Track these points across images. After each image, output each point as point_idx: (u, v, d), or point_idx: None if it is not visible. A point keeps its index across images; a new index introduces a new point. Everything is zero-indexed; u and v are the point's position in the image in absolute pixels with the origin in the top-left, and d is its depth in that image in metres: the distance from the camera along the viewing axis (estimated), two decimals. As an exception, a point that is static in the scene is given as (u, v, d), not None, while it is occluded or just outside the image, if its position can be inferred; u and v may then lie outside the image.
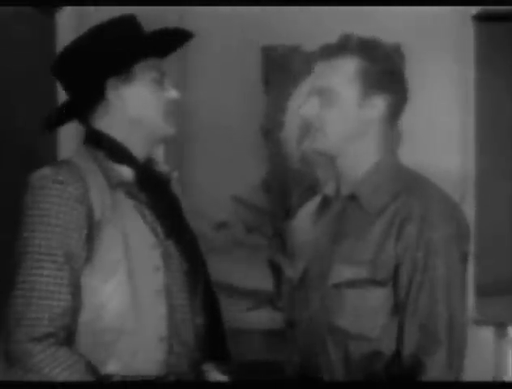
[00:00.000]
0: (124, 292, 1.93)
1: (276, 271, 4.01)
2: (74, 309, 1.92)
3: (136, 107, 2.04)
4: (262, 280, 4.18)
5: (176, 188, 2.19)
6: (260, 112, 4.43)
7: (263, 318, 4.19)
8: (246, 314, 4.11)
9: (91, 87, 2.03)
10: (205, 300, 2.09)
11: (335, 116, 2.07)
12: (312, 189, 3.75)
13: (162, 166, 2.17)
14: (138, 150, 2.06)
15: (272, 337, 3.77)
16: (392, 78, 2.09)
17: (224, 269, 4.31)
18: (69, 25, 3.83)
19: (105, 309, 1.92)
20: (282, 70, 4.42)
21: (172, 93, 2.08)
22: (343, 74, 2.07)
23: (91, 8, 3.73)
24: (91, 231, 1.92)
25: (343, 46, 2.08)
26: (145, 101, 2.04)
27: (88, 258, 1.93)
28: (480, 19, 4.34)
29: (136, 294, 1.94)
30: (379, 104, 2.08)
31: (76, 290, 1.92)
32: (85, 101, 2.05)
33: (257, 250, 4.26)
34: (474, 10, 4.33)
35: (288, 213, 3.78)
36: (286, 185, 4.32)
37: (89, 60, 2.03)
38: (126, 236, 1.95)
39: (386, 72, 2.08)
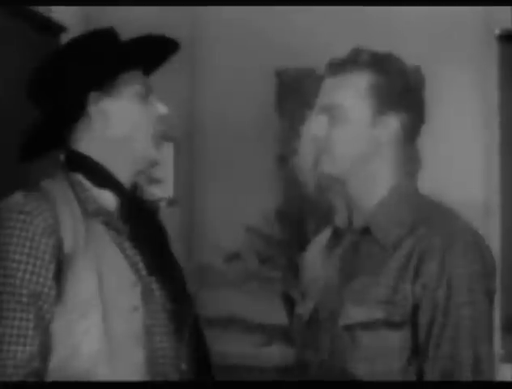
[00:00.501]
0: (97, 335, 1.74)
1: (290, 305, 3.87)
2: (43, 354, 1.74)
3: (119, 124, 1.87)
4: (276, 315, 4.03)
5: (163, 218, 2.00)
6: (274, 137, 4.32)
7: (276, 354, 4.04)
8: (258, 351, 3.96)
9: (71, 101, 1.86)
10: (192, 343, 1.89)
11: (345, 135, 1.89)
12: (328, 218, 3.62)
13: (149, 193, 2.00)
14: (122, 174, 1.89)
15: (285, 375, 3.63)
16: (407, 94, 1.91)
17: (236, 302, 4.24)
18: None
19: (77, 352, 1.74)
20: (296, 93, 4.29)
21: (160, 108, 1.91)
22: (354, 90, 1.89)
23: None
24: (61, 266, 1.75)
25: (354, 60, 1.91)
26: (129, 118, 1.87)
27: (58, 296, 1.75)
28: (503, 39, 4.23)
29: (111, 337, 1.75)
30: (393, 123, 1.90)
31: (45, 332, 1.74)
32: (65, 117, 1.88)
33: (270, 283, 4.15)
34: (498, 30, 4.21)
35: (304, 244, 3.65)
36: (301, 214, 4.20)
37: (68, 74, 1.86)
38: (101, 271, 1.77)
39: (400, 88, 1.90)
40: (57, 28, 3.69)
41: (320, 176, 1.96)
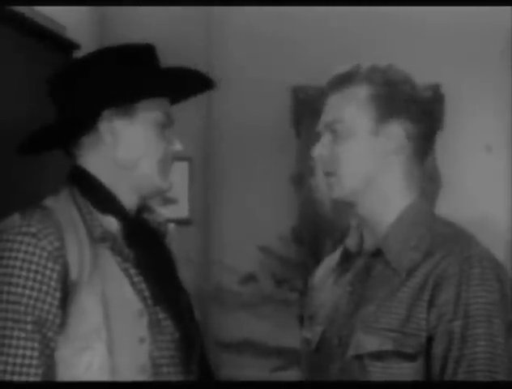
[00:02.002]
0: (101, 367, 1.65)
1: (307, 328, 3.79)
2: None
3: (129, 148, 1.78)
4: (292, 339, 3.94)
5: (172, 242, 1.92)
6: (290, 156, 4.24)
7: (292, 379, 3.95)
8: (273, 375, 3.88)
9: (83, 112, 1.77)
10: (199, 372, 1.81)
11: (349, 151, 1.81)
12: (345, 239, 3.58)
13: (157, 216, 1.90)
14: (127, 197, 1.80)
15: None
16: (410, 103, 1.82)
17: (251, 326, 4.17)
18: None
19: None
20: (313, 112, 4.22)
21: (176, 146, 1.82)
22: (354, 103, 1.81)
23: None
24: (67, 294, 1.66)
25: (354, 74, 1.83)
26: (140, 144, 1.78)
27: (62, 326, 1.66)
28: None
29: (116, 369, 1.66)
30: (397, 132, 1.81)
31: (49, 362, 1.65)
32: (74, 125, 1.79)
33: (286, 305, 4.06)
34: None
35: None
36: (318, 235, 4.13)
37: (90, 82, 1.77)
38: (107, 300, 1.68)
39: (402, 96, 1.82)
40: (69, 46, 3.65)
41: (332, 199, 1.88)
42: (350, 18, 4.26)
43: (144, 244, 1.80)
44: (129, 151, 1.78)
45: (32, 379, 1.63)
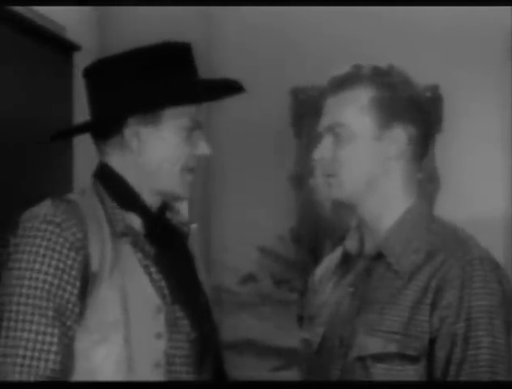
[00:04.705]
0: (118, 360, 1.68)
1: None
2: (64, 374, 1.67)
3: (152, 155, 1.78)
4: (291, 339, 3.95)
5: (194, 243, 1.92)
6: (290, 157, 4.26)
7: (292, 379, 3.96)
8: (273, 375, 3.89)
9: (109, 116, 1.78)
10: (214, 374, 1.82)
11: (351, 155, 1.81)
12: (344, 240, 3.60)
13: (180, 216, 1.90)
14: (150, 197, 1.81)
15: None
16: (412, 106, 1.82)
17: (250, 325, 4.17)
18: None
19: (96, 376, 1.68)
20: (313, 112, 4.23)
21: (202, 149, 1.82)
22: (356, 106, 1.80)
23: (110, 50, 3.61)
24: (86, 285, 1.68)
25: (355, 76, 1.82)
26: (165, 150, 1.78)
27: (81, 317, 1.68)
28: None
29: (132, 363, 1.69)
30: (400, 137, 1.81)
31: (68, 351, 1.67)
32: (100, 128, 1.81)
33: (285, 305, 4.08)
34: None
35: (320, 265, 3.63)
36: (317, 235, 4.14)
37: (116, 86, 1.77)
38: (126, 294, 1.69)
39: (404, 100, 1.81)
40: (69, 46, 3.66)
41: (331, 200, 1.88)
42: (349, 18, 4.26)
43: (166, 243, 1.81)
44: (153, 157, 1.78)
45: (50, 365, 1.65)
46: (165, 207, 1.86)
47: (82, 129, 1.89)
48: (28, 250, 1.68)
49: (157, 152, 1.78)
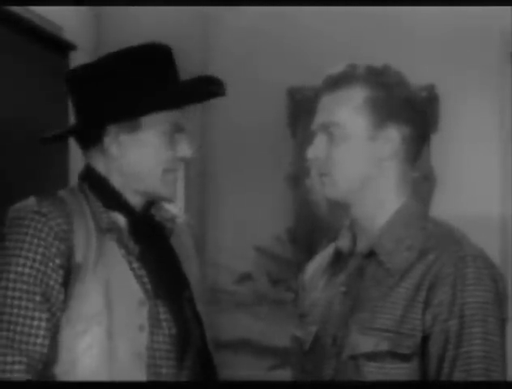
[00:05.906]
0: (100, 351, 1.71)
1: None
2: (49, 360, 1.71)
3: (133, 161, 1.82)
4: (287, 338, 3.94)
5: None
6: (286, 157, 4.26)
7: (288, 379, 3.96)
8: (269, 375, 3.89)
9: (88, 124, 1.82)
10: (195, 371, 1.83)
11: (345, 155, 1.81)
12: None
13: (164, 212, 1.93)
14: (133, 197, 1.85)
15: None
16: (407, 106, 1.83)
17: (247, 325, 4.17)
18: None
19: (77, 366, 1.71)
20: (309, 112, 4.23)
21: (183, 151, 1.84)
22: (350, 105, 1.81)
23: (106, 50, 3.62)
24: (69, 274, 1.73)
25: (349, 75, 1.83)
26: (145, 157, 1.82)
27: (65, 304, 1.73)
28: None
29: (114, 354, 1.72)
30: (394, 137, 1.82)
31: (54, 336, 1.72)
32: (80, 136, 1.86)
33: (282, 305, 4.08)
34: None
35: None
36: (313, 235, 4.13)
37: (95, 93, 1.81)
38: (110, 287, 1.74)
39: (399, 100, 1.82)
40: (66, 46, 3.66)
41: (326, 199, 1.89)
42: (346, 18, 4.26)
43: (149, 240, 1.85)
44: (134, 161, 1.82)
45: (38, 349, 1.69)
46: (149, 205, 1.89)
47: (64, 136, 1.97)
48: (15, 238, 1.74)
49: (138, 157, 1.82)
